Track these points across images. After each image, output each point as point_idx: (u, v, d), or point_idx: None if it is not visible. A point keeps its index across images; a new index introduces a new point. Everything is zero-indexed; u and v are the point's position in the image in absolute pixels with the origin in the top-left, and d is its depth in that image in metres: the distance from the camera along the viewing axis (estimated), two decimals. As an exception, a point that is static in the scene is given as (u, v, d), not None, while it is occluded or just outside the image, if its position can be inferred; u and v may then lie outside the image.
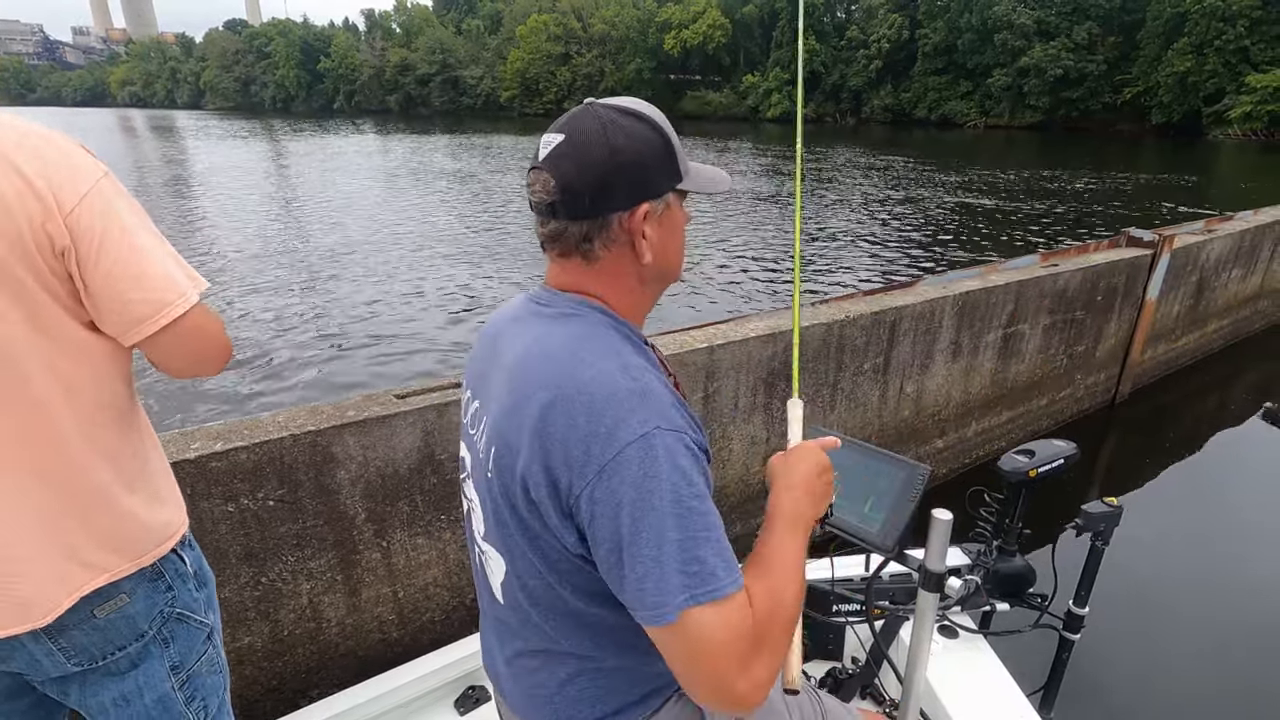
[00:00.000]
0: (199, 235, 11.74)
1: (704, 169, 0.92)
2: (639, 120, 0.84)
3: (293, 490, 1.87)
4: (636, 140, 0.82)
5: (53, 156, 0.92)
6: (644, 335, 0.94)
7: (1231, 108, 38.08)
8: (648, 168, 0.83)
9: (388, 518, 2.06)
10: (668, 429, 0.75)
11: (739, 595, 0.76)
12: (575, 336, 0.83)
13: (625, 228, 0.84)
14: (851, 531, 1.16)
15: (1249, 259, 5.99)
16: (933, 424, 3.80)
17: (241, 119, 70.52)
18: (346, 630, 2.09)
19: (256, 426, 1.85)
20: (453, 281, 8.93)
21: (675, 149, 0.86)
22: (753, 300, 8.18)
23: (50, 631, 0.99)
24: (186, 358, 1.07)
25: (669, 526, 0.73)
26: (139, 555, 1.05)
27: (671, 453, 0.74)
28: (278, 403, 5.62)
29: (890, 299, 3.37)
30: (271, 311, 7.74)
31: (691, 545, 0.74)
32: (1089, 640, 1.84)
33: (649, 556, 0.73)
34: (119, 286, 0.96)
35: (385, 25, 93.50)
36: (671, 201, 0.88)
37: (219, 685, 1.22)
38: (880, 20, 56.11)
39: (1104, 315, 4.60)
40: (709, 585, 0.73)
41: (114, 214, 0.96)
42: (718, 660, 0.74)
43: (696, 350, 2.61)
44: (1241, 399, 5.57)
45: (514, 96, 74.41)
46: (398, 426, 2.00)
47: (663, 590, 0.73)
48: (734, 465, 2.96)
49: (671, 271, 0.93)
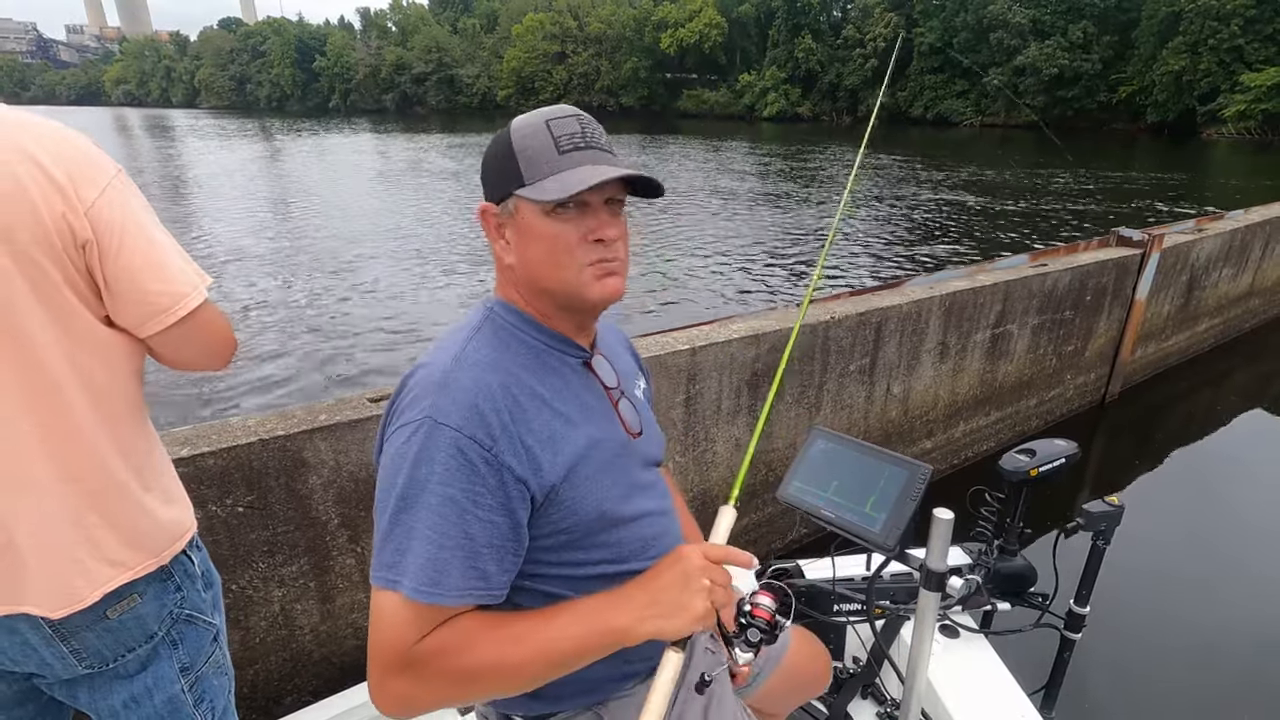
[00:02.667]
0: (192, 234, 11.68)
1: (567, 176, 0.84)
2: (503, 130, 0.91)
3: (262, 496, 1.84)
4: (490, 146, 0.91)
5: (71, 152, 0.94)
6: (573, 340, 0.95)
7: (1226, 106, 38.13)
8: (488, 170, 0.91)
9: (362, 523, 2.04)
10: (441, 422, 0.80)
11: (426, 608, 0.78)
12: (453, 329, 0.94)
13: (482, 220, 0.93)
14: (853, 531, 1.17)
15: (1239, 258, 5.99)
16: (920, 425, 3.79)
17: (236, 118, 70.27)
18: (320, 637, 2.06)
19: (224, 431, 1.83)
20: (449, 283, 8.90)
21: (516, 154, 0.86)
22: (735, 301, 8.13)
23: (62, 634, 1.00)
24: (199, 350, 1.09)
25: (391, 507, 0.80)
26: (157, 553, 1.06)
27: (429, 445, 0.79)
28: (270, 404, 5.59)
29: (876, 299, 3.35)
30: (265, 311, 7.70)
31: (405, 534, 0.78)
32: (1090, 639, 1.83)
33: (380, 524, 0.81)
34: (139, 278, 0.97)
35: (381, 24, 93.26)
36: (521, 209, 0.88)
37: (225, 686, 1.22)
38: (876, 19, 56.12)
39: (1093, 315, 4.59)
40: (393, 575, 0.78)
41: (130, 208, 0.98)
42: (373, 646, 0.80)
43: (679, 352, 2.59)
44: (1233, 397, 5.58)
45: (510, 95, 74.23)
46: (371, 430, 1.97)
47: (375, 555, 0.81)
48: (718, 467, 2.94)
49: (546, 282, 0.89)
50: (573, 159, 0.85)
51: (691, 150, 27.20)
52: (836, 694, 1.70)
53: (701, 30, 63.04)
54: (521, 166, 0.85)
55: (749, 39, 65.45)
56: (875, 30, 55.96)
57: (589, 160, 0.86)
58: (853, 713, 1.71)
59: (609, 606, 0.82)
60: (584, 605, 0.82)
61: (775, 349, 2.90)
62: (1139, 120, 44.34)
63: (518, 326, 0.92)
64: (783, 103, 60.65)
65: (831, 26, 60.55)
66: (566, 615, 0.82)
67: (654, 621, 0.80)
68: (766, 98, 61.53)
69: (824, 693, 1.69)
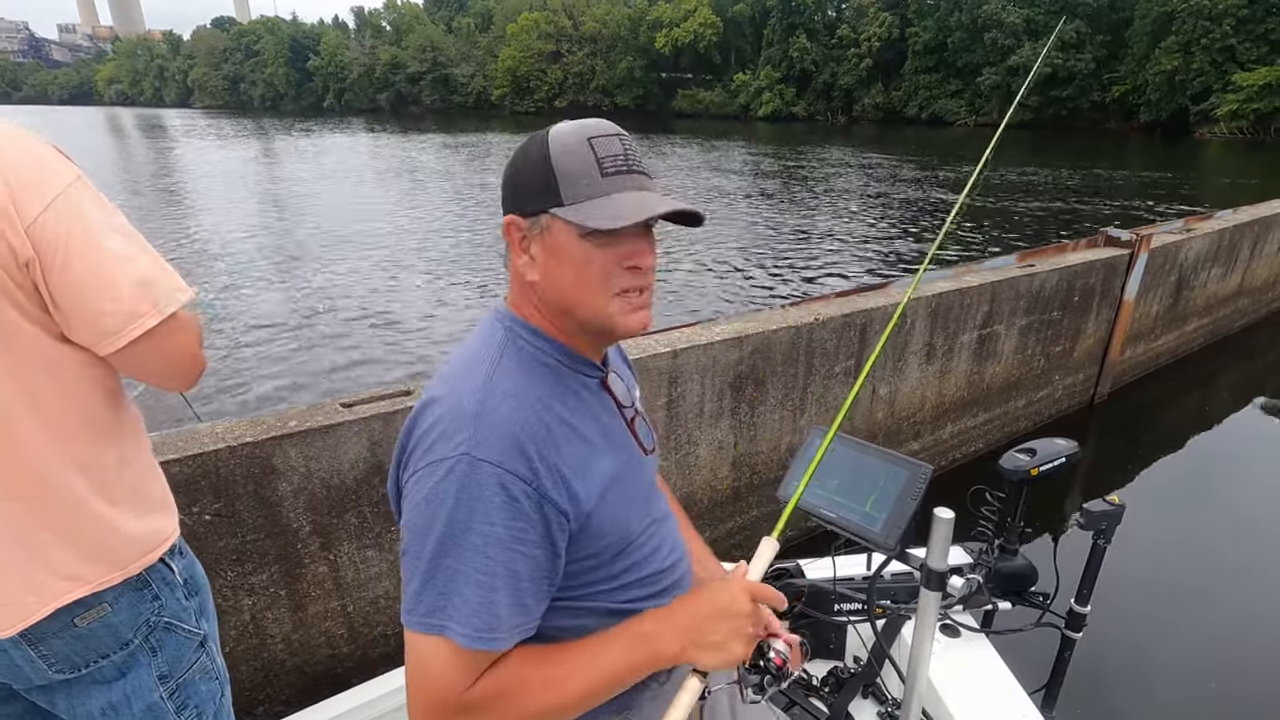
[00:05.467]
0: (180, 237, 11.61)
1: (614, 202, 0.81)
2: (538, 140, 0.85)
3: (230, 504, 1.81)
4: (520, 155, 0.86)
5: (20, 163, 0.89)
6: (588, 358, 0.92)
7: (1218, 106, 38.26)
8: (519, 181, 0.85)
9: (334, 530, 2.01)
10: (480, 458, 0.77)
11: (478, 653, 0.77)
12: (469, 351, 0.89)
13: (509, 238, 0.87)
14: (854, 530, 1.17)
15: (1228, 258, 5.99)
16: (907, 426, 3.77)
17: (230, 117, 70.01)
18: (293, 646, 2.03)
19: (191, 438, 1.80)
20: (444, 285, 8.85)
21: (556, 172, 0.81)
22: (718, 303, 8.08)
23: (30, 639, 0.98)
24: (159, 371, 1.05)
25: (430, 550, 0.76)
26: (123, 566, 1.04)
27: (469, 483, 0.76)
28: (257, 408, 5.54)
29: (861, 301, 3.33)
30: (254, 314, 7.65)
31: (448, 578, 0.76)
32: (1091, 639, 1.83)
33: (416, 567, 0.78)
34: (88, 297, 0.92)
35: (375, 23, 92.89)
36: (553, 227, 0.83)
37: (214, 692, 1.21)
38: (871, 19, 56.15)
39: (1081, 315, 4.58)
40: (438, 620, 0.76)
41: (83, 221, 0.92)
42: (421, 696, 0.77)
43: (659, 355, 2.57)
44: (1224, 396, 5.59)
45: (505, 95, 74.07)
46: (343, 436, 1.94)
47: (412, 599, 0.77)
48: (701, 471, 2.91)
49: (573, 305, 0.85)
50: (616, 183, 0.82)
51: (688, 151, 27.17)
52: (837, 693, 1.70)
53: (696, 30, 62.99)
54: (560, 184, 0.81)
55: (744, 38, 65.43)
56: (870, 30, 55.99)
57: (633, 185, 0.83)
58: (853, 712, 1.71)
59: (654, 635, 0.83)
60: (628, 634, 0.84)
61: (758, 351, 2.88)
62: (1132, 119, 44.47)
63: (538, 348, 0.88)
64: (778, 102, 60.64)
65: (826, 26, 60.51)
66: (613, 646, 0.82)
67: (694, 651, 0.83)
68: (761, 97, 61.52)
69: (825, 691, 1.70)
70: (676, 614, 0.85)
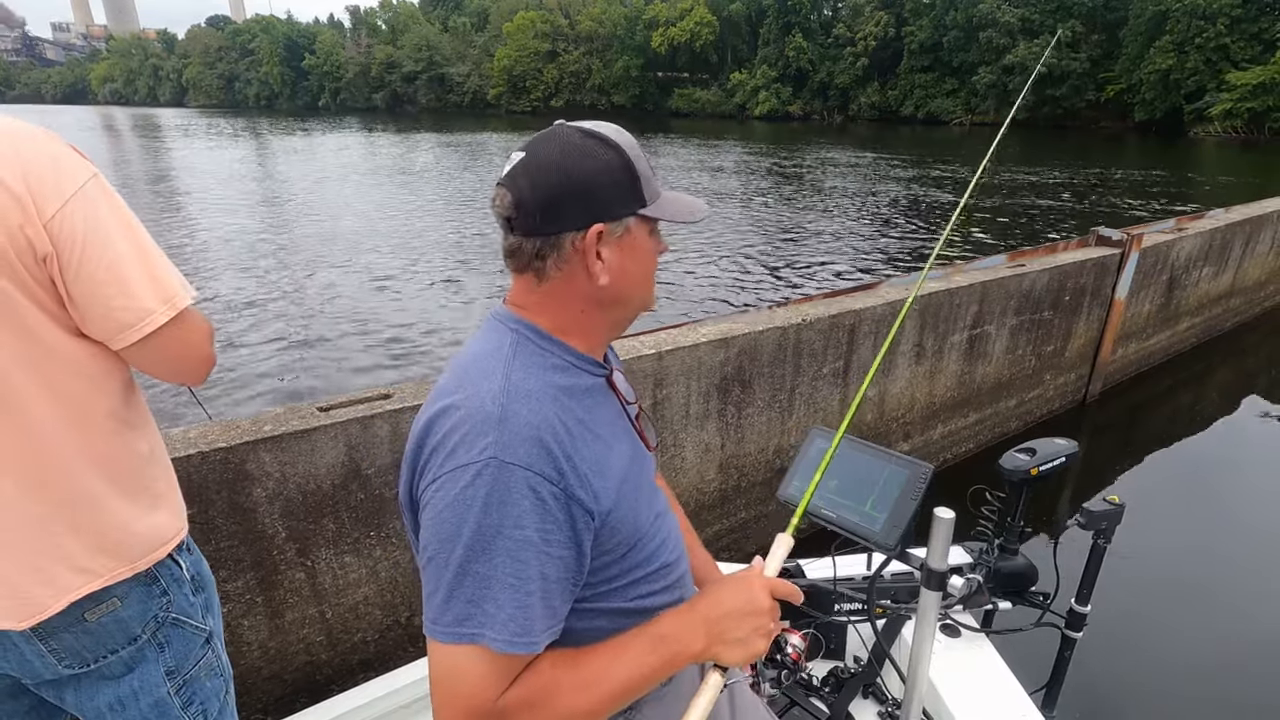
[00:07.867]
0: (178, 236, 11.55)
1: (678, 199, 0.91)
2: (600, 143, 0.84)
3: (203, 510, 1.78)
4: (590, 162, 0.83)
5: (37, 160, 0.91)
6: (594, 358, 0.93)
7: (1212, 105, 38.39)
8: (600, 189, 0.83)
9: (311, 536, 1.98)
10: (509, 461, 0.75)
11: (511, 659, 0.75)
12: (479, 354, 0.87)
13: (578, 249, 0.84)
14: (854, 530, 1.16)
15: (1220, 257, 5.99)
16: (897, 427, 3.76)
17: (225, 117, 69.76)
18: (270, 654, 2.01)
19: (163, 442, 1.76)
20: (441, 286, 8.82)
21: (639, 174, 0.85)
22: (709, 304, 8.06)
23: (41, 633, 1.00)
24: (169, 366, 1.07)
25: (459, 556, 0.74)
26: (133, 560, 1.05)
27: (498, 487, 0.75)
28: (252, 410, 5.51)
29: (850, 301, 3.31)
30: (250, 314, 7.61)
31: (479, 584, 0.74)
32: (1091, 638, 1.83)
33: (441, 575, 0.76)
34: (103, 293, 0.95)
35: (371, 22, 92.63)
36: (633, 227, 0.87)
37: (219, 689, 1.22)
38: (867, 18, 56.18)
39: (1072, 315, 4.57)
40: (471, 628, 0.74)
41: (99, 218, 0.95)
42: (450, 705, 0.75)
43: (644, 357, 2.54)
44: (1215, 396, 5.59)
45: (501, 94, 73.94)
46: (319, 441, 1.92)
47: (438, 608, 0.75)
48: (687, 473, 2.89)
49: (632, 298, 0.92)
50: (658, 181, 0.90)
51: (685, 149, 27.14)
52: (838, 693, 1.69)
53: (693, 29, 62.94)
54: (643, 186, 0.86)
55: (740, 38, 65.40)
56: (866, 29, 56.01)
57: (659, 184, 0.91)
58: (854, 712, 1.70)
59: (678, 634, 0.84)
60: (651, 634, 0.84)
61: (745, 352, 2.86)
62: (1126, 119, 44.59)
63: (547, 349, 0.88)
64: (774, 101, 60.63)
65: (822, 25, 60.53)
66: (638, 647, 0.83)
67: (718, 647, 0.85)
68: (758, 96, 61.50)
69: (825, 691, 1.70)
70: (698, 611, 0.87)
